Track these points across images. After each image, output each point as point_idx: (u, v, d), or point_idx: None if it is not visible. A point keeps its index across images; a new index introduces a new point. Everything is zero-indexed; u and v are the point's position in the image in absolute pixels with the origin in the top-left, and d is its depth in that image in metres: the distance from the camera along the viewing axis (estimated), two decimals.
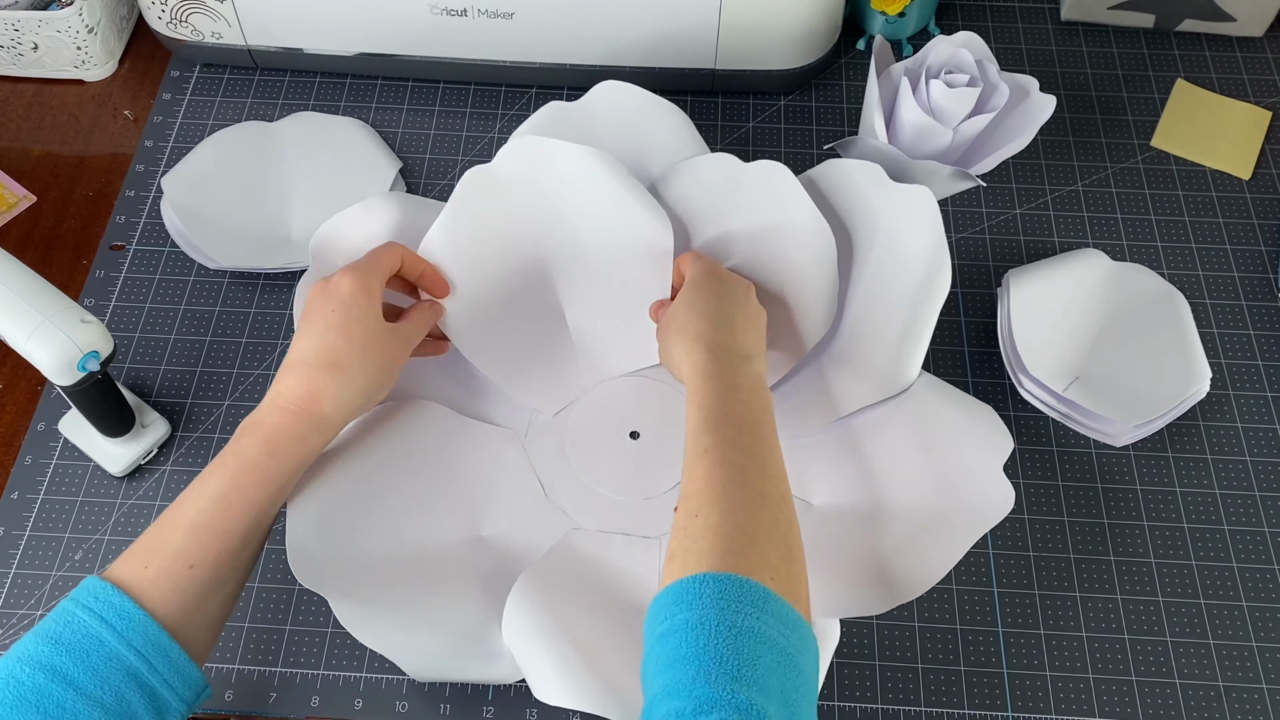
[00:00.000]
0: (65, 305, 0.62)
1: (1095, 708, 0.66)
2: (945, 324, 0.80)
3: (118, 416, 0.70)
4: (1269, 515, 0.72)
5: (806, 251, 0.71)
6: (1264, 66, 0.93)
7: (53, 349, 0.61)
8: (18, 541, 0.71)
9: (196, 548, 0.55)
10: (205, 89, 0.92)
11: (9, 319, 0.61)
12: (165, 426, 0.74)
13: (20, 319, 0.61)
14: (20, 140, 0.89)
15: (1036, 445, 0.75)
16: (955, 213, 0.85)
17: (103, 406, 0.69)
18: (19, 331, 0.61)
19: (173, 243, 0.83)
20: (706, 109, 0.90)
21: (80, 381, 0.64)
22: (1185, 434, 0.75)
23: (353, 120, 0.89)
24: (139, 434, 0.73)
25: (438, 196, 0.84)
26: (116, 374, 0.77)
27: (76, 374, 0.63)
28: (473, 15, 0.84)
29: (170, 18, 0.87)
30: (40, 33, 0.87)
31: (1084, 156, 0.88)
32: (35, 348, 0.61)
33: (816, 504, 0.69)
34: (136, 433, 0.73)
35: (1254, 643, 0.68)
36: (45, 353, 0.61)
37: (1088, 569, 0.71)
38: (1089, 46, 0.95)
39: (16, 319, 0.61)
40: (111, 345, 0.64)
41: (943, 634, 0.68)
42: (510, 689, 0.66)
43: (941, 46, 0.77)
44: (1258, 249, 0.83)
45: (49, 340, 0.61)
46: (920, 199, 0.71)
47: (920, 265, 0.70)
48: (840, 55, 0.94)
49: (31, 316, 0.61)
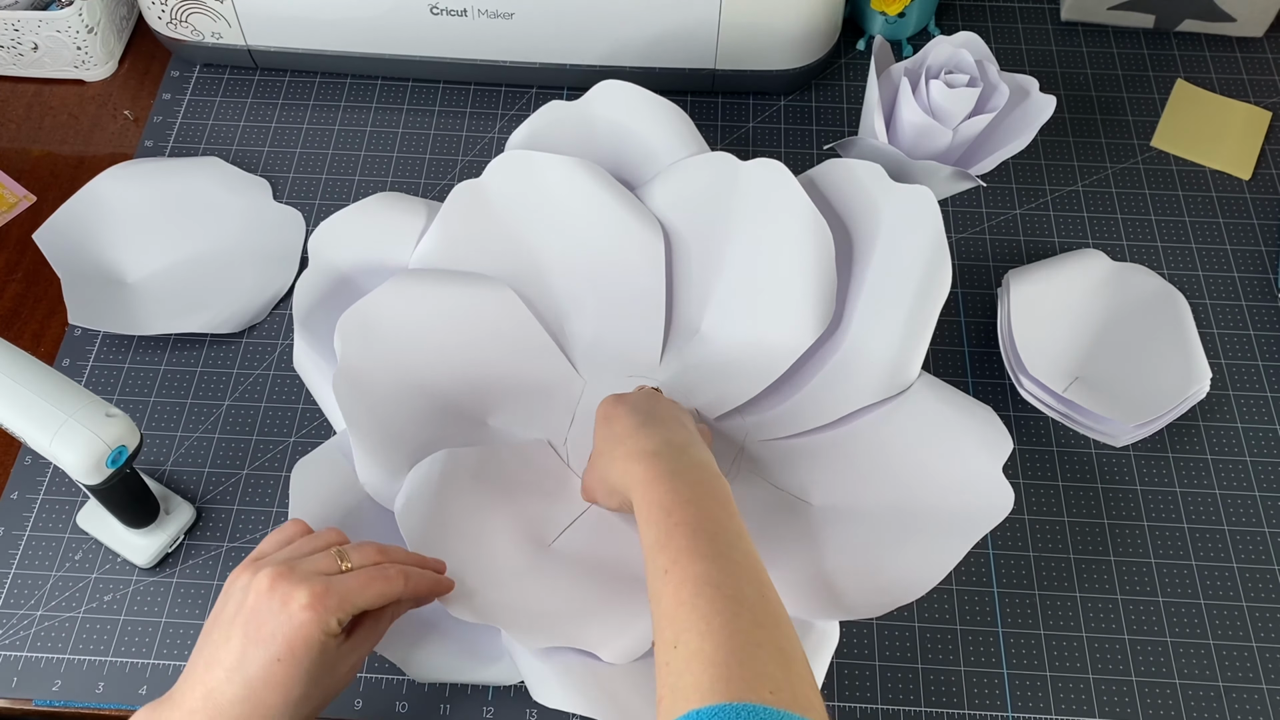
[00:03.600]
0: (88, 400, 0.58)
1: (1095, 708, 0.66)
2: (945, 324, 0.80)
3: (143, 508, 0.67)
4: (1269, 515, 0.72)
5: (804, 250, 0.71)
6: (1264, 67, 0.93)
7: (79, 448, 0.57)
8: (17, 541, 0.71)
9: None
10: (205, 89, 0.92)
11: (29, 420, 0.57)
12: (190, 512, 0.70)
13: (42, 420, 0.57)
14: (20, 140, 0.89)
15: (1036, 445, 0.75)
16: (955, 213, 0.85)
17: (127, 499, 0.65)
18: (42, 433, 0.57)
19: None
20: (706, 109, 0.90)
21: (109, 479, 0.59)
22: (1185, 434, 0.75)
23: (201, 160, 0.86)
24: (163, 522, 0.69)
25: (437, 197, 0.84)
26: (115, 375, 0.77)
27: (105, 471, 0.58)
28: (472, 15, 0.84)
29: (170, 18, 0.87)
30: (40, 33, 0.87)
31: (1084, 157, 0.88)
32: (61, 449, 0.57)
33: (816, 504, 0.69)
34: (161, 520, 0.69)
35: (1254, 643, 0.68)
36: (72, 453, 0.57)
37: (1088, 569, 0.70)
38: (1089, 47, 0.95)
39: (37, 420, 0.57)
40: (138, 438, 0.60)
41: (943, 634, 0.68)
42: (510, 689, 0.66)
43: (941, 47, 0.77)
44: (1258, 249, 0.83)
45: (74, 439, 0.57)
46: (920, 199, 0.71)
47: (920, 265, 0.70)
48: (840, 55, 0.94)
49: (54, 416, 0.57)
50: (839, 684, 0.67)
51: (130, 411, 0.75)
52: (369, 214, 0.74)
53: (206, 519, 0.72)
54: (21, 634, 0.68)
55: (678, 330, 0.76)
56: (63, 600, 0.69)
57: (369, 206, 0.74)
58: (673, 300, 0.76)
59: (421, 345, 0.70)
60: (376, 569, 0.53)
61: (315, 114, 0.90)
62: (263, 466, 0.74)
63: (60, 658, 0.67)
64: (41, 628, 0.68)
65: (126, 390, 0.76)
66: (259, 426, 0.75)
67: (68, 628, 0.68)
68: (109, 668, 0.67)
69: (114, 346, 0.78)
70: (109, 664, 0.67)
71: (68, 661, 0.67)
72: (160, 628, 0.68)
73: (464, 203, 0.73)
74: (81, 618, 0.68)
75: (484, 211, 0.73)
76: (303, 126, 0.90)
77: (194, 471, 0.73)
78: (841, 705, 0.66)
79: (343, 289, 0.73)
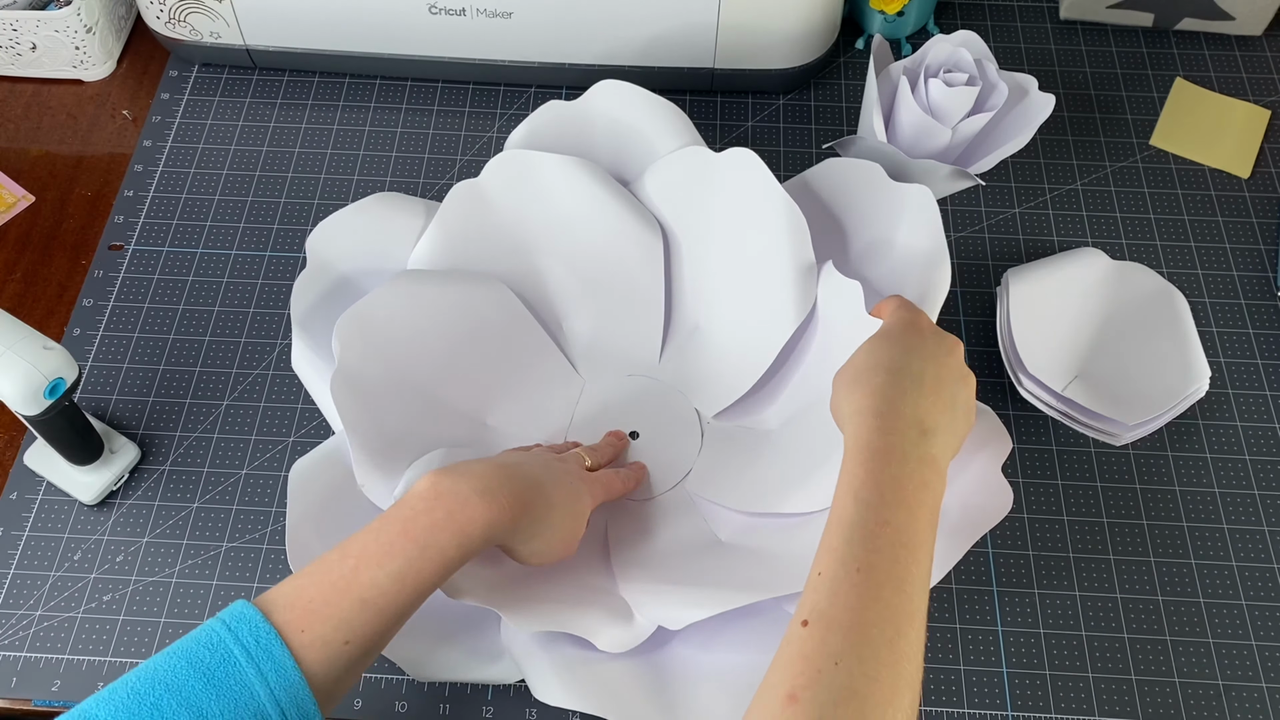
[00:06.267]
0: (27, 333, 0.61)
1: (1095, 707, 0.66)
2: (944, 323, 0.80)
3: (85, 443, 0.69)
4: (1268, 514, 0.72)
5: (779, 236, 0.71)
6: (1263, 65, 0.93)
7: (17, 379, 0.59)
8: (17, 541, 0.71)
9: (360, 624, 0.51)
10: (204, 89, 0.92)
11: None
12: (135, 451, 0.72)
13: None
14: (19, 140, 0.89)
15: (1036, 444, 0.75)
16: (954, 212, 0.85)
17: (70, 434, 0.67)
18: None
19: (171, 242, 0.83)
20: (705, 108, 0.90)
21: (46, 410, 0.62)
22: (1185, 433, 0.75)
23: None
24: (108, 460, 0.71)
25: (435, 196, 0.84)
26: (115, 375, 0.77)
27: (43, 402, 0.61)
28: (471, 15, 0.84)
29: (169, 17, 0.87)
30: (38, 32, 0.87)
31: (1083, 155, 0.88)
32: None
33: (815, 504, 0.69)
34: (106, 459, 0.71)
35: (1253, 641, 0.68)
36: (9, 384, 0.59)
37: (1087, 568, 0.71)
38: (1088, 45, 0.95)
39: None
40: (76, 370, 0.62)
41: (943, 633, 0.68)
42: (510, 689, 0.66)
43: (940, 45, 0.77)
44: (1257, 248, 0.83)
45: (12, 370, 0.59)
46: (919, 198, 0.71)
47: (919, 264, 0.70)
48: (839, 54, 0.94)
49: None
50: None
51: (130, 411, 0.75)
52: (367, 214, 0.74)
53: (207, 519, 0.72)
54: (21, 634, 0.67)
55: (676, 327, 0.76)
56: (62, 600, 0.69)
57: (367, 206, 0.74)
58: (671, 297, 0.76)
59: (420, 345, 0.70)
60: (615, 473, 0.67)
61: (314, 114, 0.90)
62: (262, 466, 0.74)
63: (60, 658, 0.67)
64: (41, 628, 0.68)
65: (126, 390, 0.76)
66: (258, 426, 0.75)
67: (67, 628, 0.68)
68: (109, 668, 0.67)
69: (114, 346, 0.78)
70: (109, 664, 0.67)
71: (67, 661, 0.67)
72: (160, 628, 0.68)
73: (463, 202, 0.73)
74: (81, 617, 0.68)
75: (483, 211, 0.73)
76: (301, 126, 0.90)
77: (194, 471, 0.73)
78: None
79: (341, 289, 0.73)
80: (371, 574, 0.51)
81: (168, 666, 0.48)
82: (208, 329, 0.79)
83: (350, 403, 0.65)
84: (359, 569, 0.51)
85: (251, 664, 0.48)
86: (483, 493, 0.55)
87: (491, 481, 0.55)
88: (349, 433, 0.64)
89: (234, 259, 0.83)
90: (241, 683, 0.48)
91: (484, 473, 0.56)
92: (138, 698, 0.47)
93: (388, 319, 0.69)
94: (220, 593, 0.69)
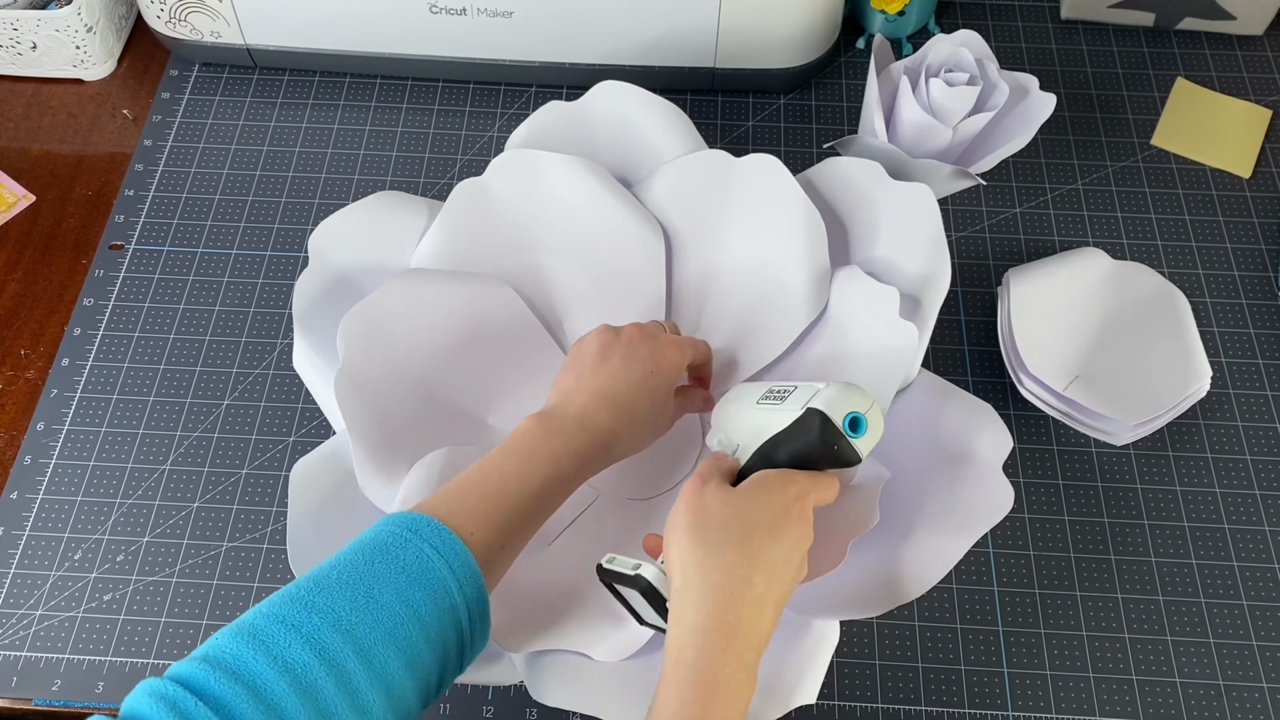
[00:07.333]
0: None
1: (1095, 707, 0.66)
2: (945, 323, 0.80)
3: None
4: (1269, 514, 0.72)
5: (799, 243, 0.71)
6: (1264, 65, 0.93)
7: None
8: (17, 541, 0.71)
9: (510, 532, 0.55)
10: (204, 88, 0.92)
11: None
12: None
13: None
14: (19, 139, 0.89)
15: (1036, 444, 0.75)
16: (955, 211, 0.85)
17: None
18: None
19: (172, 242, 0.83)
20: (706, 108, 0.90)
21: None
22: (1185, 433, 0.75)
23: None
24: None
25: (436, 195, 0.84)
26: (115, 375, 0.77)
27: None
28: (472, 14, 0.84)
29: (169, 17, 0.87)
30: (39, 32, 0.87)
31: (1084, 155, 0.88)
32: None
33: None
34: None
35: (1254, 641, 0.68)
36: None
37: (1088, 568, 0.70)
38: (1089, 45, 0.95)
39: None
40: None
41: (943, 633, 0.68)
42: (510, 689, 0.66)
43: (941, 45, 0.77)
44: (1258, 247, 0.83)
45: None
46: (920, 197, 0.71)
47: (920, 264, 0.70)
48: (840, 54, 0.94)
49: None
50: (839, 683, 0.67)
51: (130, 411, 0.75)
52: (369, 213, 0.74)
53: (207, 519, 0.72)
54: (21, 634, 0.68)
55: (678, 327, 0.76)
56: (62, 600, 0.69)
57: (369, 205, 0.74)
58: (672, 298, 0.76)
59: (423, 344, 0.70)
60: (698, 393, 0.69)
61: (314, 113, 0.90)
62: (262, 466, 0.74)
63: (60, 657, 0.67)
64: (41, 627, 0.68)
65: (126, 390, 0.76)
66: (259, 426, 0.75)
67: (67, 627, 0.68)
68: (108, 668, 0.67)
69: (114, 346, 0.78)
70: (108, 664, 0.67)
71: (67, 661, 0.67)
72: (160, 627, 0.68)
73: (466, 201, 0.73)
74: (81, 617, 0.68)
75: (486, 210, 0.73)
76: (302, 125, 0.90)
77: (194, 471, 0.73)
78: (841, 704, 0.66)
79: (342, 288, 0.73)
80: (517, 489, 0.56)
81: (364, 559, 0.50)
82: (208, 328, 0.79)
83: (354, 403, 0.65)
84: (504, 486, 0.56)
85: (444, 562, 0.51)
86: (584, 425, 0.60)
87: (587, 417, 0.60)
88: (351, 432, 0.64)
89: (234, 258, 0.83)
90: (439, 579, 0.51)
91: (582, 407, 0.61)
92: (349, 586, 0.49)
93: (392, 318, 0.69)
94: (220, 592, 0.69)
